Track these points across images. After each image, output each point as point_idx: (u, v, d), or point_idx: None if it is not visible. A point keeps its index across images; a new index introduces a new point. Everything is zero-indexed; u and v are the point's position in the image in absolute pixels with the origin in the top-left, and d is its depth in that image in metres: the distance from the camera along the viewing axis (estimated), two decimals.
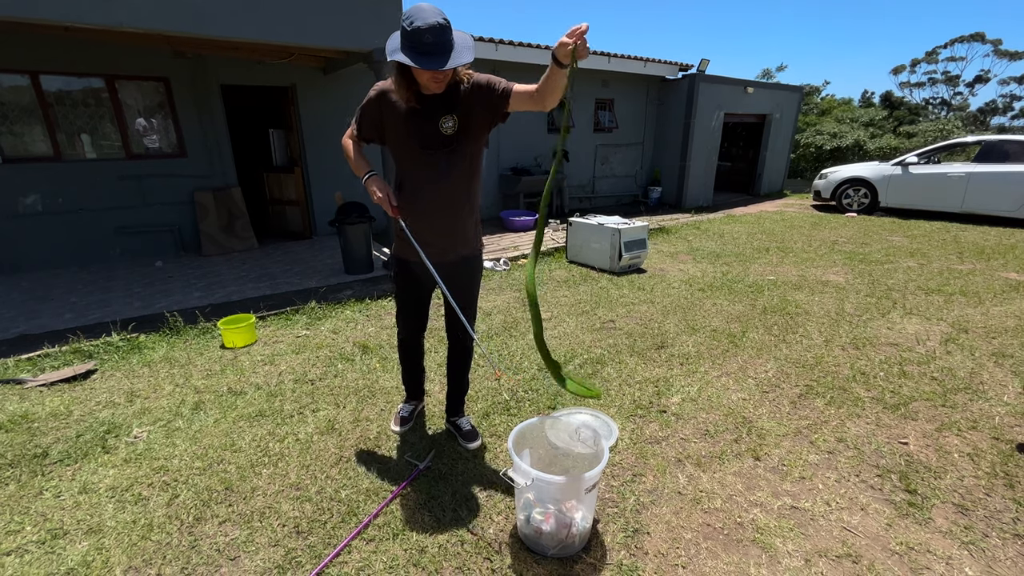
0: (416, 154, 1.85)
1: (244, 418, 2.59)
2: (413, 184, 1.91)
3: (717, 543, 1.81)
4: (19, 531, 1.85)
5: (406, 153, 1.88)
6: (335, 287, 4.73)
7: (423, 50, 1.56)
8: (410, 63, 1.57)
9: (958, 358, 3.26)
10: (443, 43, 1.58)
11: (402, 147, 1.88)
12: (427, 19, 1.54)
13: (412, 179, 1.91)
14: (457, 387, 2.37)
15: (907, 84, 29.78)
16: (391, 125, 1.86)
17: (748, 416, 2.62)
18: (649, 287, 4.84)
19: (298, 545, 1.78)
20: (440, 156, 1.84)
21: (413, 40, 1.55)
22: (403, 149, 1.88)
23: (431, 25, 1.53)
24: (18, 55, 4.86)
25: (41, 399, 2.80)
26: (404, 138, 1.84)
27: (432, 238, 1.94)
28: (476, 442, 2.33)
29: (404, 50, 1.59)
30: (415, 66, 1.58)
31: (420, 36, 1.54)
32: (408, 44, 1.58)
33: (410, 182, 1.92)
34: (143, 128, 5.66)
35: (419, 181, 1.89)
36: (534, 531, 1.73)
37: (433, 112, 1.78)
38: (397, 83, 1.71)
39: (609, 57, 8.44)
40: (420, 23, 1.53)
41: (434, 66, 1.58)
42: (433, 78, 1.66)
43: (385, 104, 1.84)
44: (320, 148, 6.67)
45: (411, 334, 2.30)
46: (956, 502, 2.00)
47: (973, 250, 6.24)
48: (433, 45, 1.56)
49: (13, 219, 5.12)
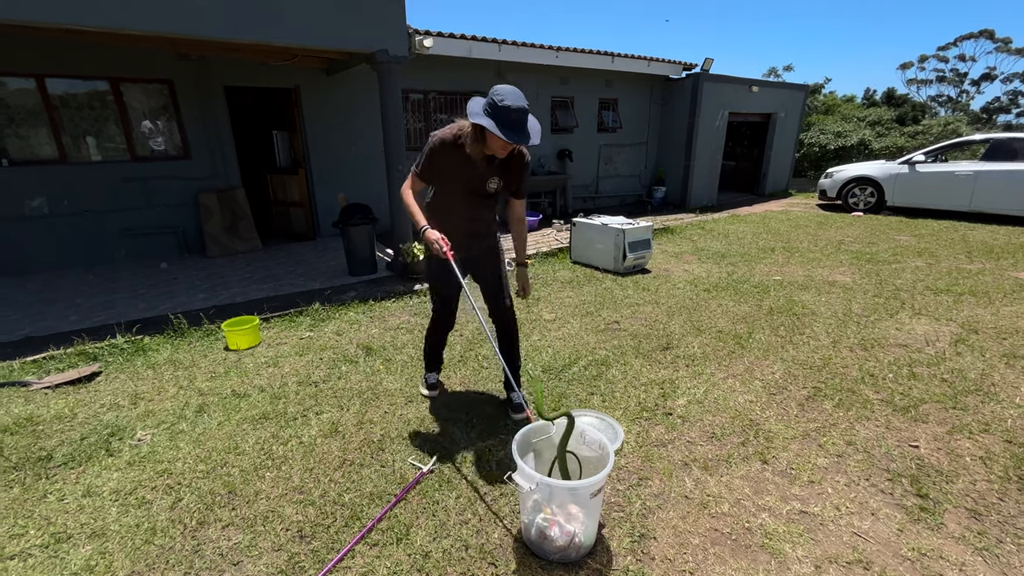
0: (460, 196, 2.27)
1: (248, 421, 2.59)
2: (449, 209, 2.30)
3: (725, 548, 1.79)
4: (23, 535, 1.84)
5: (452, 192, 2.28)
6: (339, 288, 4.72)
7: (508, 124, 1.92)
8: (497, 132, 1.91)
9: (968, 359, 3.22)
10: (523, 122, 1.95)
11: (450, 188, 2.27)
12: (517, 101, 1.91)
13: (448, 205, 2.31)
14: (511, 365, 2.60)
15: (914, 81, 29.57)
16: (447, 171, 2.22)
17: (755, 418, 2.60)
18: (654, 288, 4.81)
19: (301, 550, 1.77)
20: (478, 199, 2.30)
21: (501, 114, 1.91)
22: (450, 189, 2.28)
23: (520, 107, 1.91)
24: (23, 58, 4.89)
25: (46, 401, 2.80)
26: (455, 183, 2.25)
27: (461, 242, 2.29)
28: (521, 414, 2.56)
29: (490, 119, 1.94)
30: (500, 136, 1.91)
31: (508, 113, 1.91)
32: (494, 115, 1.93)
33: (446, 207, 2.31)
34: (148, 130, 5.68)
35: (454, 207, 2.30)
36: (538, 536, 1.71)
37: (487, 172, 2.20)
38: (474, 140, 2.06)
39: (613, 57, 8.40)
40: (511, 103, 1.90)
41: (517, 140, 1.95)
42: (504, 147, 2.03)
43: (445, 152, 2.17)
44: (324, 149, 6.67)
45: (444, 310, 2.61)
46: (969, 507, 1.97)
47: (982, 249, 6.17)
48: (516, 123, 1.93)
49: (19, 221, 5.15)
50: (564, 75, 8.59)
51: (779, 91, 11.30)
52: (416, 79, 6.98)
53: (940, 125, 16.30)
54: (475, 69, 7.46)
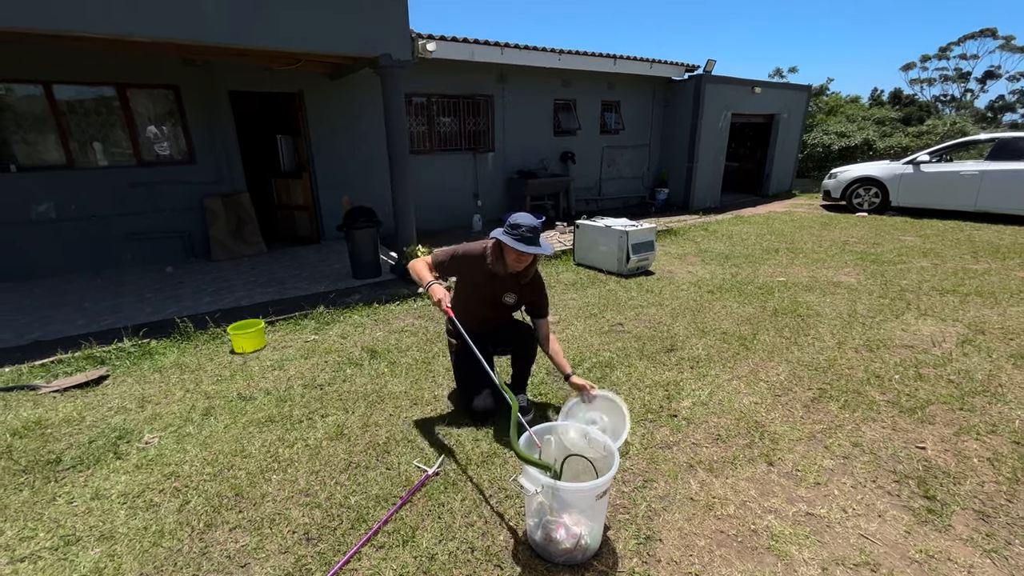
0: (480, 301, 2.58)
1: (254, 423, 2.60)
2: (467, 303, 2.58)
3: (731, 550, 1.78)
4: (33, 537, 1.86)
5: (472, 297, 2.58)
6: (343, 291, 4.74)
7: (522, 239, 2.30)
8: (513, 244, 2.28)
9: (975, 360, 3.20)
10: (535, 238, 2.32)
11: (470, 292, 2.58)
12: (528, 222, 2.32)
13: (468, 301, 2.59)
14: (520, 372, 2.75)
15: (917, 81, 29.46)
16: (468, 276, 2.57)
17: (760, 420, 2.59)
18: (657, 289, 4.81)
19: (308, 552, 1.78)
20: (495, 306, 2.61)
21: (516, 232, 2.30)
22: (470, 293, 2.58)
23: (531, 226, 2.32)
24: (31, 65, 4.94)
25: (54, 405, 2.83)
26: (473, 291, 2.57)
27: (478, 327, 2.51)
28: (527, 417, 2.60)
29: (507, 237, 2.31)
30: (515, 247, 2.27)
31: (520, 230, 2.31)
32: (511, 233, 2.31)
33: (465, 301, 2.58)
34: (153, 135, 5.73)
35: (472, 304, 2.58)
36: (544, 538, 1.71)
37: (504, 286, 2.54)
38: (495, 255, 2.42)
39: (615, 59, 8.41)
40: (522, 222, 2.32)
41: (527, 249, 2.29)
42: (518, 259, 2.37)
43: (470, 262, 2.51)
44: (327, 153, 6.71)
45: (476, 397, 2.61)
46: (977, 508, 1.96)
47: (988, 249, 6.14)
48: (528, 239, 2.30)
49: (27, 227, 5.20)
50: (566, 78, 8.61)
51: (782, 92, 11.27)
52: (419, 82, 7.02)
53: (945, 125, 16.20)
54: (478, 72, 7.49)
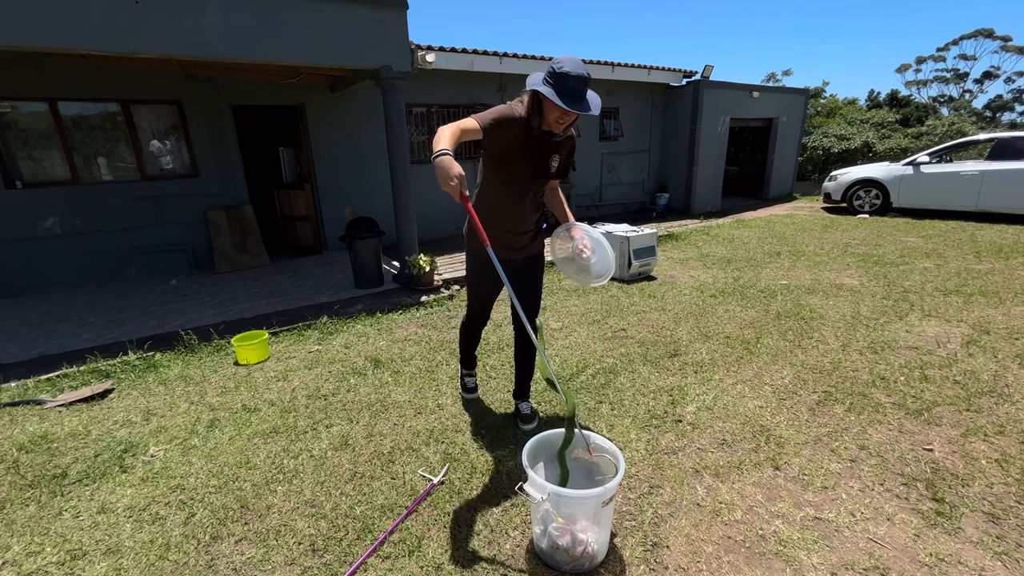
0: (520, 182, 2.07)
1: (258, 435, 2.60)
2: (501, 202, 2.13)
3: (739, 556, 1.77)
4: (39, 552, 1.86)
5: (511, 178, 2.07)
6: (346, 302, 4.76)
7: (566, 92, 1.76)
8: (556, 100, 1.75)
9: (981, 360, 3.18)
10: (582, 92, 1.79)
11: (511, 172, 2.05)
12: (576, 69, 1.75)
13: (502, 198, 2.12)
14: (524, 374, 2.62)
15: (913, 83, 29.54)
16: (509, 149, 1.99)
17: (766, 424, 2.58)
18: (660, 294, 4.81)
19: (314, 563, 1.77)
20: (535, 186, 2.12)
21: (559, 82, 1.75)
22: (511, 173, 2.06)
23: (579, 74, 1.75)
24: (37, 83, 5.01)
25: (60, 419, 2.84)
26: (515, 167, 2.03)
27: (508, 242, 2.20)
28: (531, 424, 2.56)
29: (549, 87, 1.77)
30: (559, 103, 1.74)
31: (565, 80, 1.74)
32: (553, 84, 1.77)
33: (499, 200, 2.13)
34: (157, 150, 5.79)
35: (507, 200, 2.12)
36: (550, 546, 1.70)
37: (548, 150, 2.03)
38: (531, 111, 1.89)
39: (613, 66, 8.48)
40: (569, 69, 1.74)
41: (576, 109, 1.77)
42: (559, 119, 1.85)
43: (514, 128, 1.94)
44: (329, 164, 6.76)
45: (480, 314, 2.53)
46: (986, 510, 1.94)
47: (991, 249, 6.12)
48: (574, 91, 1.76)
49: (33, 242, 5.25)
50: None
51: (780, 96, 11.32)
52: (419, 93, 7.08)
53: (944, 126, 16.22)
54: (477, 82, 7.56)
